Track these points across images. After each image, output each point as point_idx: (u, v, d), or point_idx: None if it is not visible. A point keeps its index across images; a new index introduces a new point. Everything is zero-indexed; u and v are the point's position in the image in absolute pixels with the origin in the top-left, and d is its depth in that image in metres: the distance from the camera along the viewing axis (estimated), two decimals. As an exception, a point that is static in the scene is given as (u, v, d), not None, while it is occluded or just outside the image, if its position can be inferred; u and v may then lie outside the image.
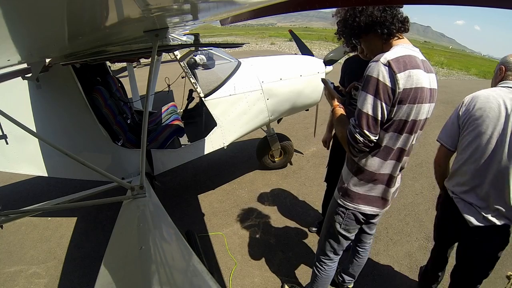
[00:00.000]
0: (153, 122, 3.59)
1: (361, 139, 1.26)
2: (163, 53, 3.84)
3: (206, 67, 3.48)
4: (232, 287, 2.26)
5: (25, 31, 0.76)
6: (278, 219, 3.00)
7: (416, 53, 1.28)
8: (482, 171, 1.43)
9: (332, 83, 1.60)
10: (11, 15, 0.55)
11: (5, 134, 2.20)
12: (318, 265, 1.81)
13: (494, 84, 1.57)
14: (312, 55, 3.56)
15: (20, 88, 2.19)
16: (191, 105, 4.07)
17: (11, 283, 2.32)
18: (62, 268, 2.44)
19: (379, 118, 1.24)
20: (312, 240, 2.72)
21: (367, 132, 1.24)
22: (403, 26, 1.29)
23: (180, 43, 3.00)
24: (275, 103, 3.11)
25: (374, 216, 1.55)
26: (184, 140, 3.33)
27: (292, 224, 2.93)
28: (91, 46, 1.64)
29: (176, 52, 2.68)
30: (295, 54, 4.25)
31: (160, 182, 3.08)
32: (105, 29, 1.08)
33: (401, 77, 1.18)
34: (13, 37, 0.79)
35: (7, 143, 2.23)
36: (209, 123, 3.02)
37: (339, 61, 3.50)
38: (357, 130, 1.26)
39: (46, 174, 2.49)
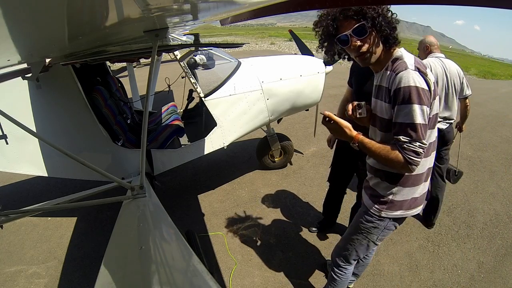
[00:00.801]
0: (153, 122, 3.59)
1: (420, 150, 1.24)
2: (163, 53, 3.83)
3: (206, 67, 3.48)
4: (232, 287, 2.26)
5: (25, 31, 0.76)
6: (278, 219, 3.00)
7: None
8: (442, 106, 2.51)
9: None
10: (11, 15, 0.55)
11: (5, 134, 2.20)
12: (338, 271, 1.81)
13: (424, 57, 2.61)
14: (312, 55, 3.56)
15: (20, 88, 2.19)
16: (191, 105, 4.06)
17: (11, 283, 2.32)
18: (62, 268, 2.44)
19: (427, 123, 1.25)
20: (312, 240, 2.72)
21: (424, 141, 1.24)
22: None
23: (180, 43, 3.00)
24: (275, 103, 3.11)
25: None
26: (184, 140, 3.33)
27: (292, 224, 2.93)
28: (91, 46, 1.64)
29: (176, 52, 2.68)
30: (295, 54, 4.25)
31: (160, 182, 3.08)
32: (105, 29, 1.08)
33: (429, 76, 1.25)
34: (13, 37, 0.79)
35: (7, 143, 2.24)
36: (209, 123, 3.02)
37: (339, 61, 3.49)
38: (417, 144, 1.23)
39: (46, 174, 2.49)
